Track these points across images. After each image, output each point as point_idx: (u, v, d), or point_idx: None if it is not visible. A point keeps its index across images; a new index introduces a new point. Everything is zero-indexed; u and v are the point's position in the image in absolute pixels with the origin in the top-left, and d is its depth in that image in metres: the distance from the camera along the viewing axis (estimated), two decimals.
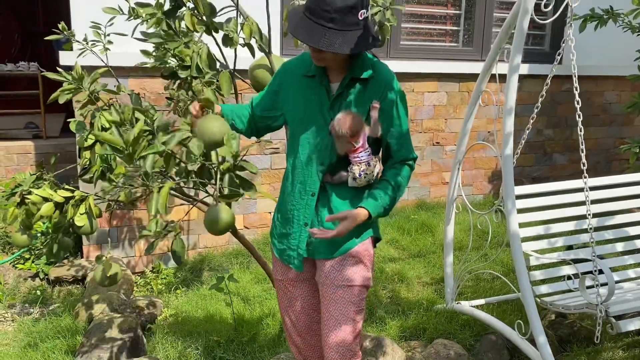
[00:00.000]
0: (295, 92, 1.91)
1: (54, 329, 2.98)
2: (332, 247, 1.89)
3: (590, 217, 2.42)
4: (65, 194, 2.13)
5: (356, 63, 1.81)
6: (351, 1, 1.65)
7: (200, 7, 2.23)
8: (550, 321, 3.01)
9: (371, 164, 1.83)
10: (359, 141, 1.79)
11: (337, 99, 1.84)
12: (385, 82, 1.83)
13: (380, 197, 1.84)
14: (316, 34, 1.67)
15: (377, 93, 1.82)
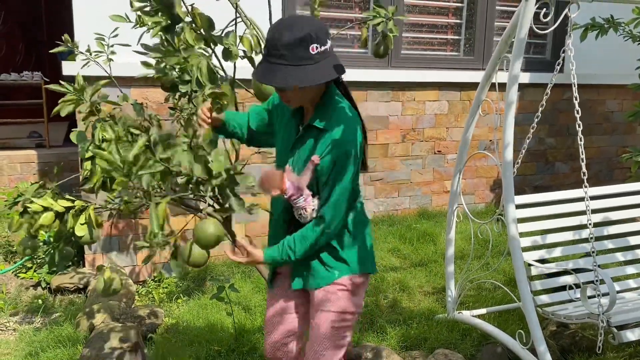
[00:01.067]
0: (280, 122, 1.97)
1: (55, 339, 2.99)
2: (315, 279, 1.94)
3: (591, 226, 2.42)
4: (66, 204, 2.13)
5: (319, 108, 1.81)
6: (298, 34, 1.64)
7: (198, 21, 2.24)
8: (551, 331, 3.00)
9: (308, 209, 1.85)
10: (286, 191, 1.83)
11: (296, 141, 1.87)
12: (334, 139, 1.77)
13: (279, 251, 1.87)
14: (269, 73, 1.69)
15: (322, 148, 1.79)
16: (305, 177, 1.84)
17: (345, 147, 1.77)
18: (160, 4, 2.25)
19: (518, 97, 4.95)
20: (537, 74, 4.93)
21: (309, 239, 1.85)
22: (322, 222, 1.83)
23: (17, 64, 7.15)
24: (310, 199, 1.85)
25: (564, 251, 3.00)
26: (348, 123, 1.79)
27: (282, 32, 1.66)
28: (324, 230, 1.84)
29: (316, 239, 1.85)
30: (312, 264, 1.93)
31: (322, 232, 1.84)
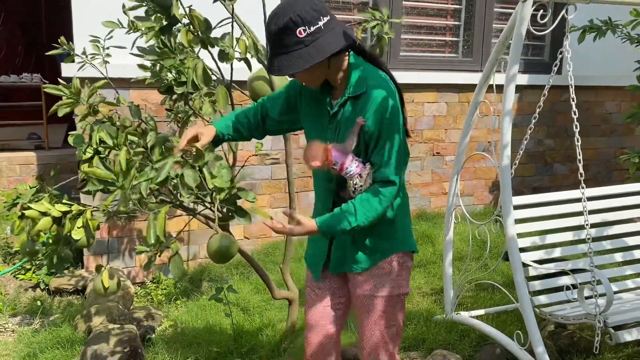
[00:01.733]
0: (306, 109, 1.94)
1: (54, 340, 2.99)
2: (357, 263, 1.91)
3: (589, 227, 2.42)
4: (63, 208, 2.14)
5: (350, 79, 1.80)
6: (282, 23, 1.67)
7: (196, 22, 2.25)
8: (549, 332, 3.00)
9: (363, 175, 1.78)
10: (335, 162, 1.76)
11: (333, 117, 1.85)
12: (374, 98, 1.75)
13: (337, 218, 1.78)
14: (270, 63, 1.75)
15: (364, 109, 1.78)
16: (350, 141, 1.77)
17: (387, 101, 1.75)
18: (158, 5, 2.26)
19: (516, 99, 4.96)
20: (535, 75, 4.94)
21: (372, 203, 1.77)
22: (388, 184, 1.78)
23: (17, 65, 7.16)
24: (362, 164, 1.78)
25: (563, 252, 3.00)
26: (382, 82, 1.78)
27: (270, 23, 1.70)
28: (392, 193, 1.78)
29: (381, 203, 1.77)
30: (356, 245, 1.89)
31: (390, 195, 1.78)
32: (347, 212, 1.77)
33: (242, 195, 1.80)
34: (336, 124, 1.84)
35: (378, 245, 1.90)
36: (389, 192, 1.79)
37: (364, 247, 1.90)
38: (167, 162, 1.95)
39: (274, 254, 4.11)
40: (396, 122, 1.77)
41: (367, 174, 1.79)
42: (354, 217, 1.76)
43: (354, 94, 1.79)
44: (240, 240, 4.21)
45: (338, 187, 1.87)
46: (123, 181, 1.84)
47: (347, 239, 1.90)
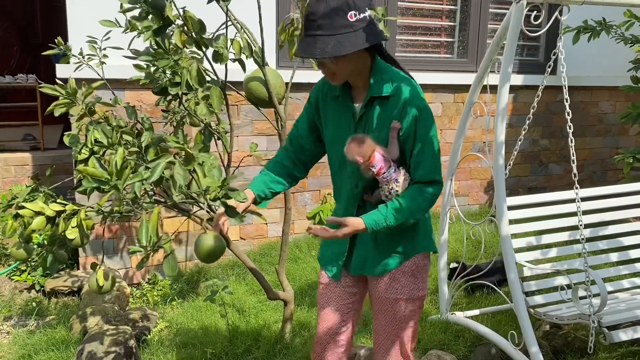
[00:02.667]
0: (327, 114, 1.91)
1: (49, 341, 2.98)
2: (379, 266, 1.90)
3: (582, 227, 2.43)
4: (57, 208, 2.14)
5: (374, 80, 1.77)
6: (335, 3, 1.62)
7: (190, 24, 2.25)
8: (544, 332, 3.01)
9: (399, 180, 1.78)
10: (374, 164, 1.75)
11: (360, 120, 1.82)
12: (405, 99, 1.74)
13: (384, 214, 1.78)
14: (309, 46, 1.66)
15: (397, 112, 1.75)
16: (394, 148, 1.76)
17: (420, 102, 1.75)
18: (151, 7, 2.26)
19: (511, 99, 4.97)
20: (530, 76, 4.95)
21: (417, 201, 1.77)
22: (433, 184, 1.78)
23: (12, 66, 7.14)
24: (398, 169, 1.79)
25: (558, 252, 3.01)
26: (411, 84, 1.77)
27: (319, 3, 1.64)
28: (436, 192, 1.79)
29: (425, 201, 1.78)
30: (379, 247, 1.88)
31: (435, 194, 1.79)
32: (394, 208, 1.77)
33: (233, 195, 1.79)
34: (364, 126, 1.81)
35: (401, 246, 1.89)
36: (434, 191, 1.80)
37: (388, 249, 1.89)
38: (161, 162, 1.95)
39: (270, 254, 4.11)
40: (431, 122, 1.77)
41: (404, 178, 1.79)
42: (400, 214, 1.76)
43: (379, 94, 1.76)
44: (236, 241, 4.21)
45: (364, 191, 1.87)
46: (117, 181, 1.84)
47: (370, 241, 1.89)
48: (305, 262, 4.00)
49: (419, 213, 1.80)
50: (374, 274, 1.92)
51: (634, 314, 2.54)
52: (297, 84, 4.17)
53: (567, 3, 2.31)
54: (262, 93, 2.69)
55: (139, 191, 1.94)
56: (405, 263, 1.90)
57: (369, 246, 1.91)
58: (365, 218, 1.78)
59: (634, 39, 4.00)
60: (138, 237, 1.95)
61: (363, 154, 1.74)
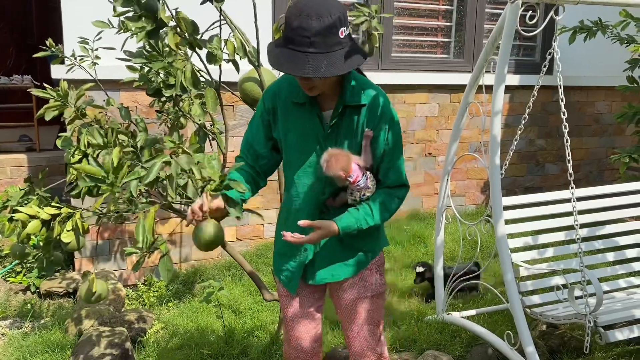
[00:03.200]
0: (288, 120, 1.83)
1: (44, 344, 2.97)
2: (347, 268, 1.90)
3: (578, 227, 2.43)
4: (52, 211, 2.13)
5: (347, 89, 1.75)
6: (328, 21, 1.57)
7: (183, 25, 2.24)
8: (541, 332, 3.01)
9: (370, 187, 1.82)
10: (351, 175, 1.76)
11: (333, 127, 1.79)
12: (378, 109, 1.78)
13: (356, 218, 1.80)
14: (300, 62, 1.58)
15: (370, 121, 1.77)
16: (368, 156, 1.81)
17: (391, 112, 1.80)
18: (144, 9, 2.25)
19: (508, 99, 4.97)
20: (526, 76, 4.96)
21: (387, 205, 1.83)
22: (402, 187, 1.86)
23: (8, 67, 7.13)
24: (371, 178, 1.83)
25: (555, 252, 3.01)
26: (382, 93, 1.81)
27: (310, 19, 1.56)
28: (404, 195, 1.87)
29: (396, 204, 1.85)
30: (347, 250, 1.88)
31: (403, 198, 1.87)
32: (366, 212, 1.81)
33: (233, 186, 1.78)
34: (335, 135, 1.79)
35: (369, 245, 1.92)
36: (403, 194, 1.88)
37: (356, 249, 1.90)
38: (157, 161, 1.94)
39: (267, 255, 4.10)
40: (400, 131, 1.85)
41: (374, 184, 1.85)
42: (372, 218, 1.81)
43: (353, 103, 1.75)
44: (233, 242, 4.20)
45: (329, 197, 1.86)
46: (114, 179, 1.82)
47: (336, 245, 1.87)
48: None
49: (389, 215, 1.86)
50: (341, 278, 1.90)
51: (630, 313, 2.54)
52: None
53: (562, 3, 2.30)
54: (258, 94, 2.67)
55: (135, 191, 1.93)
56: (373, 261, 1.94)
57: (336, 250, 1.88)
58: (339, 222, 1.78)
59: (629, 39, 4.00)
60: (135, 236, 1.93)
61: (345, 169, 1.75)
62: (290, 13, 1.62)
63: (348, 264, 1.91)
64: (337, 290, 1.96)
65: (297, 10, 1.59)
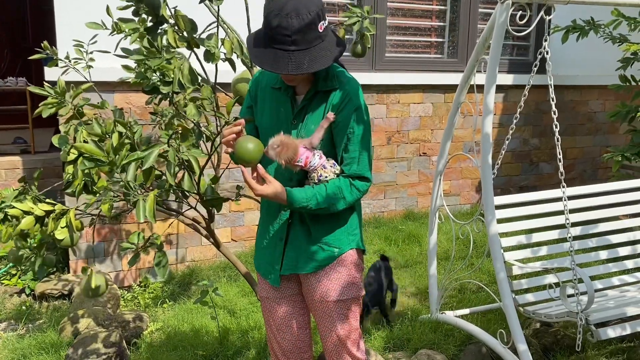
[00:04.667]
0: (264, 105, 1.89)
1: (38, 345, 2.97)
2: (312, 262, 1.87)
3: (570, 225, 2.44)
4: (46, 208, 2.13)
5: (320, 74, 1.78)
6: (308, 18, 1.61)
7: (181, 23, 2.25)
8: (534, 330, 3.02)
9: (327, 167, 1.79)
10: (300, 159, 1.74)
11: (300, 111, 1.82)
12: (345, 94, 1.78)
13: (307, 195, 1.76)
14: (282, 61, 1.63)
15: (336, 105, 1.78)
16: (317, 135, 1.77)
17: (359, 100, 1.78)
18: (147, 5, 2.27)
19: (501, 99, 4.99)
20: (520, 75, 4.97)
21: (343, 192, 1.78)
22: (362, 179, 1.81)
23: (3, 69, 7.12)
24: (325, 158, 1.79)
25: (549, 250, 3.02)
26: (353, 82, 1.80)
27: (290, 18, 1.60)
28: (364, 188, 1.82)
29: (352, 194, 1.79)
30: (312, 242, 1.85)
31: (362, 190, 1.81)
32: (318, 192, 1.77)
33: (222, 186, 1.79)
34: (303, 119, 1.81)
35: (334, 240, 1.87)
36: (362, 187, 1.82)
37: (322, 242, 1.86)
38: (154, 150, 1.95)
39: None
40: (367, 121, 1.82)
41: (331, 165, 1.81)
42: (323, 199, 1.76)
43: (324, 89, 1.78)
44: (228, 243, 4.21)
45: (298, 184, 1.85)
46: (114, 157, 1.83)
47: (303, 236, 1.86)
48: None
49: (342, 203, 1.79)
50: (306, 271, 1.88)
51: (622, 311, 2.56)
52: None
53: (552, 2, 2.32)
54: None
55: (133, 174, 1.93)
56: (340, 258, 1.88)
57: (302, 241, 1.86)
58: (291, 192, 1.76)
59: (621, 37, 4.02)
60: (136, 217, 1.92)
61: (291, 157, 1.72)
62: (269, 11, 1.64)
63: (312, 257, 1.86)
64: (307, 287, 1.92)
65: (277, 9, 1.61)
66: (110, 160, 1.81)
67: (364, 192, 1.84)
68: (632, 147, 3.91)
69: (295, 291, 1.98)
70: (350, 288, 1.90)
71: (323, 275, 1.88)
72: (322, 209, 1.78)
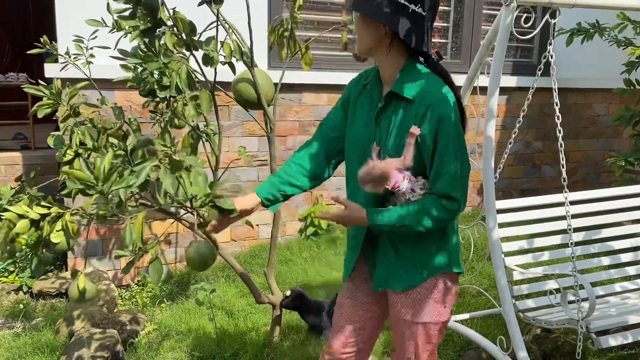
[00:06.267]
0: (356, 106, 1.82)
1: (34, 345, 2.95)
2: (401, 281, 1.79)
3: (572, 231, 2.41)
4: (41, 211, 2.10)
5: (399, 77, 1.70)
6: None
7: (180, 25, 2.21)
8: (535, 336, 2.99)
9: (416, 190, 1.68)
10: (389, 183, 1.65)
11: (380, 112, 1.74)
12: (428, 104, 1.64)
13: (390, 215, 1.69)
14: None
15: (418, 116, 1.65)
16: (408, 153, 1.65)
17: (444, 109, 1.64)
18: (144, 7, 2.23)
19: (505, 101, 4.95)
20: (524, 77, 4.93)
21: (430, 212, 1.65)
22: (450, 199, 1.66)
23: (4, 65, 7.10)
24: (414, 180, 1.68)
25: (551, 255, 2.99)
26: (442, 91, 1.67)
27: None
28: (452, 209, 1.66)
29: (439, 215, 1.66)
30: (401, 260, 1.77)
31: (450, 211, 1.66)
32: (402, 211, 1.68)
33: (219, 203, 1.76)
34: (384, 123, 1.73)
35: (426, 261, 1.76)
36: (450, 207, 1.67)
37: (411, 262, 1.77)
38: (146, 165, 1.92)
39: (261, 256, 4.09)
40: (455, 133, 1.66)
41: (421, 186, 1.69)
42: (407, 218, 1.67)
43: (400, 93, 1.69)
44: (227, 242, 4.18)
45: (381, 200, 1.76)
46: (102, 186, 1.80)
47: (392, 255, 1.79)
48: (296, 265, 3.98)
49: (427, 222, 1.67)
50: (394, 290, 1.81)
51: (623, 319, 2.53)
52: (290, 84, 4.15)
53: (557, 6, 2.29)
54: (251, 95, 2.66)
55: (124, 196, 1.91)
56: (429, 281, 1.76)
57: (391, 260, 1.79)
58: (369, 210, 1.71)
59: (627, 41, 3.98)
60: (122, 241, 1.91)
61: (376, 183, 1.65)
62: None
63: (401, 276, 1.78)
64: (392, 304, 1.85)
65: None
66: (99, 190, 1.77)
67: (454, 212, 1.68)
68: (635, 152, 3.87)
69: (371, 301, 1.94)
70: (432, 312, 1.78)
71: (409, 297, 1.79)
72: (405, 226, 1.68)
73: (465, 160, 1.68)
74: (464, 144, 1.69)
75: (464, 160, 1.68)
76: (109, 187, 1.78)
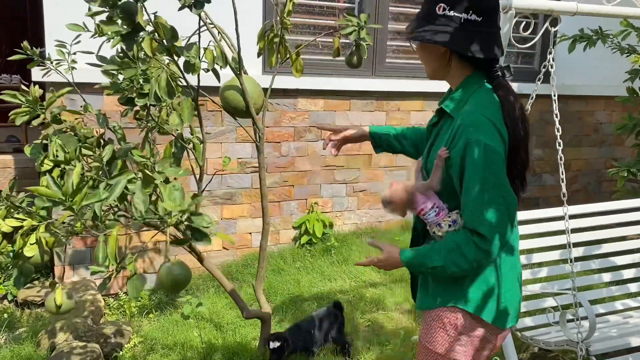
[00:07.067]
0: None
1: (14, 358, 2.86)
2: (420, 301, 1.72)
3: (571, 247, 2.31)
4: (14, 223, 2.01)
5: (455, 95, 1.62)
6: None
7: (161, 30, 2.12)
8: (532, 354, 2.89)
9: (443, 226, 1.55)
10: (415, 208, 1.57)
11: (432, 127, 1.72)
12: (460, 125, 1.52)
13: (421, 255, 1.58)
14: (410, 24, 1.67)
15: (451, 136, 1.55)
16: (435, 176, 1.54)
17: (473, 133, 1.48)
18: (122, 12, 2.13)
19: None
20: (525, 84, 4.82)
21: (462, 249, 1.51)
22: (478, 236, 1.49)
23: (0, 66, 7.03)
24: (446, 212, 1.56)
25: (550, 271, 2.88)
26: (474, 115, 1.52)
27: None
28: (479, 246, 1.49)
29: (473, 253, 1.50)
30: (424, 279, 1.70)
31: (476, 248, 1.49)
32: (434, 249, 1.56)
33: (196, 221, 1.66)
34: (431, 141, 1.68)
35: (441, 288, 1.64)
36: (480, 244, 1.50)
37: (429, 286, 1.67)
38: (121, 179, 1.83)
39: (254, 265, 3.99)
40: (481, 160, 1.48)
41: (450, 223, 1.55)
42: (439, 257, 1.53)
43: (447, 109, 1.61)
44: (219, 251, 4.09)
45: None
46: (71, 202, 1.70)
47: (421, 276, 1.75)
48: (289, 275, 3.88)
49: (462, 263, 1.51)
50: (419, 308, 1.74)
51: (625, 341, 2.42)
52: (284, 90, 4.06)
53: (558, 14, 2.19)
54: (239, 103, 2.56)
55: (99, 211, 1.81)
56: (440, 309, 1.63)
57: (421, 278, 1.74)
58: (403, 252, 1.62)
59: (630, 48, 3.88)
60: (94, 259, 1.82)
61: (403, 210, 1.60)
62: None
63: (422, 297, 1.71)
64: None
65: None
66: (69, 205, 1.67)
67: (485, 252, 1.50)
68: (638, 162, 3.77)
69: None
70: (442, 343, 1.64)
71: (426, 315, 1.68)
72: (439, 268, 1.54)
73: (496, 194, 1.49)
74: (499, 174, 1.50)
75: (495, 194, 1.49)
76: (79, 203, 1.68)
